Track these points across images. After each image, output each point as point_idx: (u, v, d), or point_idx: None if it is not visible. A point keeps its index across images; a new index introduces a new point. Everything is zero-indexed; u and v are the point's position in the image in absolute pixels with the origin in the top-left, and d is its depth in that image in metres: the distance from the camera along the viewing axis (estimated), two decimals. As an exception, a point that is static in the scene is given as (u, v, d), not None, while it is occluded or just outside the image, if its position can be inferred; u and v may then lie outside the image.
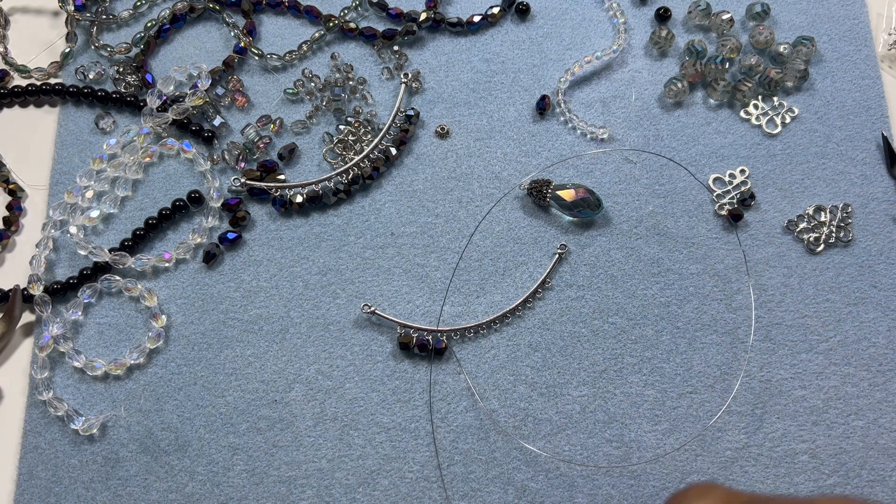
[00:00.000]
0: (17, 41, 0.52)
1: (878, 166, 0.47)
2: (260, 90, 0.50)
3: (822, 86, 0.48)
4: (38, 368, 0.43)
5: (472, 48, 0.50)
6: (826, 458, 0.41)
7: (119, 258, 0.45)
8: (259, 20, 0.51)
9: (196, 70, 0.49)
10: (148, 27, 0.50)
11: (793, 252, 0.45)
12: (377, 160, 0.47)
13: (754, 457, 0.41)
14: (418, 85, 0.49)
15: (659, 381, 0.43)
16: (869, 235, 0.45)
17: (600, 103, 0.48)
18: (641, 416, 0.42)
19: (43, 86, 0.49)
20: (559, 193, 0.45)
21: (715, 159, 0.47)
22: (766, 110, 0.48)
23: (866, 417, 0.42)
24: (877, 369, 0.43)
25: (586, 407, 0.42)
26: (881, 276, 0.44)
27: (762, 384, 0.42)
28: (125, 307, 0.45)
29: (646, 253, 0.45)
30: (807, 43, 0.48)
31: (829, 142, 0.47)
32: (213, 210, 0.46)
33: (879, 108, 0.48)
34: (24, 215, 0.47)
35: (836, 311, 0.44)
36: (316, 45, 0.50)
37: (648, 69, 0.49)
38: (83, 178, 0.47)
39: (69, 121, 0.49)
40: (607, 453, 0.41)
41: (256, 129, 0.48)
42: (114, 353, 0.44)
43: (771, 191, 0.46)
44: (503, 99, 0.49)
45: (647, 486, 0.41)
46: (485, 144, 0.48)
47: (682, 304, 0.44)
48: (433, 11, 0.50)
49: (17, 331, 0.45)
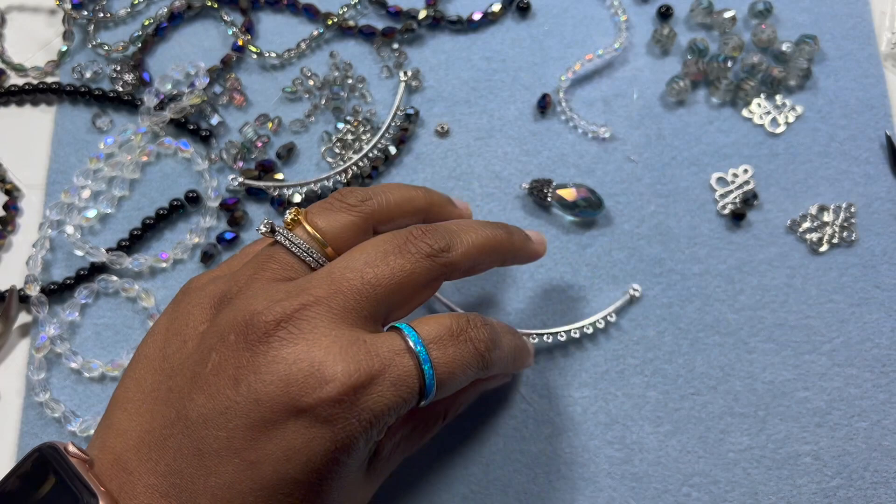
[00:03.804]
0: (13, 39, 0.51)
1: (881, 165, 0.46)
2: (258, 89, 0.49)
3: (825, 84, 0.48)
4: (34, 369, 0.43)
5: (472, 46, 0.50)
6: (829, 460, 0.41)
7: (116, 258, 0.45)
8: (257, 18, 0.51)
9: (193, 68, 0.48)
10: (145, 25, 0.50)
11: (796, 252, 0.45)
12: (376, 159, 0.47)
13: (757, 458, 0.41)
14: (418, 83, 0.49)
15: (661, 382, 0.42)
16: (873, 235, 0.45)
17: (602, 102, 0.48)
18: (643, 417, 0.42)
19: (39, 84, 0.49)
20: (560, 193, 0.45)
21: (717, 158, 0.47)
22: (768, 109, 0.48)
23: (870, 419, 0.41)
24: (880, 370, 0.42)
25: (587, 409, 0.42)
26: (885, 277, 0.44)
27: (765, 385, 0.42)
28: (122, 308, 0.45)
29: (648, 253, 0.45)
30: (810, 41, 0.48)
31: (833, 141, 0.47)
32: (211, 210, 0.46)
33: (883, 106, 0.47)
34: (20, 215, 0.47)
35: (840, 311, 0.43)
36: (314, 44, 0.50)
37: (650, 67, 0.49)
38: (80, 178, 0.46)
39: (66, 120, 0.49)
40: (609, 455, 0.41)
41: (254, 128, 0.48)
42: (111, 353, 0.44)
43: (774, 190, 0.46)
44: (504, 97, 0.48)
45: (648, 488, 0.40)
46: (485, 143, 0.47)
47: (685, 304, 0.44)
48: (433, 9, 0.50)
49: (14, 332, 0.45)
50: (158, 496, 0.28)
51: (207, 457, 0.28)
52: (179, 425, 0.28)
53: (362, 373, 0.28)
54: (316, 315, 0.29)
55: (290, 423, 0.28)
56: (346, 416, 0.28)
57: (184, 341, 0.31)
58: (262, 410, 0.28)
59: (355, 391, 0.28)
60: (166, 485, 0.28)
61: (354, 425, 0.28)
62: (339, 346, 0.29)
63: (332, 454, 0.28)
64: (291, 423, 0.28)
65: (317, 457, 0.28)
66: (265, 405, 0.28)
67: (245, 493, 0.28)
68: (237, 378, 0.28)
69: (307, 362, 0.28)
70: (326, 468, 0.28)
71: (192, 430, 0.28)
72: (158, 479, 0.28)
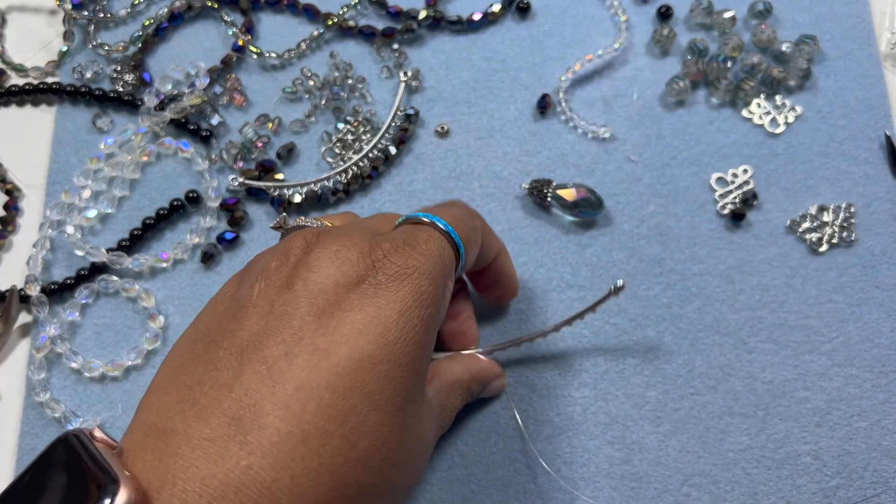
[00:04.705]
0: (13, 39, 0.51)
1: (881, 166, 0.46)
2: (258, 89, 0.49)
3: (825, 85, 0.48)
4: (34, 369, 0.43)
5: (472, 46, 0.50)
6: (829, 460, 0.41)
7: (116, 258, 0.45)
8: (257, 18, 0.51)
9: (194, 69, 0.48)
10: (146, 25, 0.50)
11: (795, 252, 0.45)
12: (376, 159, 0.47)
13: (756, 458, 0.41)
14: (418, 83, 0.49)
15: (661, 382, 0.42)
16: (872, 235, 0.45)
17: (602, 102, 0.48)
18: (643, 417, 0.42)
19: (40, 84, 0.49)
20: (560, 193, 0.45)
21: (717, 158, 0.47)
22: (768, 109, 0.48)
23: (869, 419, 0.41)
24: (880, 370, 0.42)
25: (587, 409, 0.42)
26: (885, 277, 0.44)
27: (765, 385, 0.42)
28: (122, 308, 0.45)
29: (648, 253, 0.45)
30: (809, 42, 0.48)
31: (833, 141, 0.47)
32: (211, 210, 0.46)
33: (883, 107, 0.47)
34: (20, 215, 0.47)
35: (840, 311, 0.43)
36: (315, 44, 0.50)
37: (650, 68, 0.49)
38: (80, 178, 0.46)
39: (66, 120, 0.49)
40: (609, 455, 0.41)
41: (254, 128, 0.48)
42: (111, 353, 0.44)
43: (773, 190, 0.46)
44: (504, 98, 0.48)
45: (648, 488, 0.40)
46: (485, 143, 0.47)
47: (685, 304, 0.44)
48: (433, 9, 0.50)
49: (14, 332, 0.45)
50: (207, 441, 0.24)
51: (271, 366, 0.25)
52: (231, 357, 0.26)
53: (407, 231, 0.30)
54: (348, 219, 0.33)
55: (354, 296, 0.27)
56: (405, 270, 0.28)
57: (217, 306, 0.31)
58: (325, 295, 0.27)
59: (405, 244, 0.29)
60: (220, 422, 0.25)
61: (416, 279, 0.28)
62: (379, 222, 0.33)
63: (403, 317, 0.27)
64: (356, 295, 0.27)
65: (389, 321, 0.27)
66: (327, 288, 0.27)
67: (321, 387, 0.25)
68: (289, 282, 0.28)
69: (353, 244, 0.29)
70: (398, 338, 0.27)
71: (248, 352, 0.26)
72: (204, 421, 0.25)
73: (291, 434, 0.25)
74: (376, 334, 0.27)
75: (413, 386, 0.28)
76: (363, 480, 0.26)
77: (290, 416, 0.25)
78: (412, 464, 0.29)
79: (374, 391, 0.26)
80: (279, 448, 0.25)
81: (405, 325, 0.27)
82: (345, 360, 0.26)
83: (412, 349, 0.28)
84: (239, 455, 0.24)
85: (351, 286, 0.28)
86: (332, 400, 0.25)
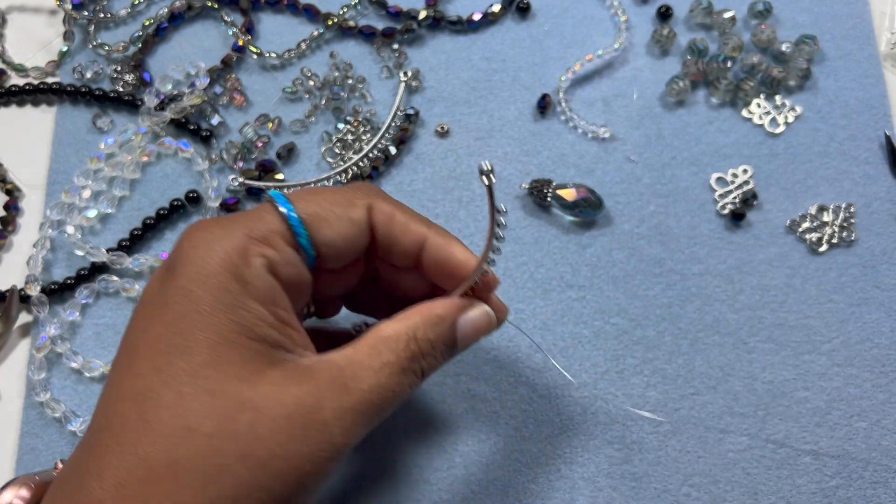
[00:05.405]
0: (13, 39, 0.51)
1: (881, 165, 0.46)
2: (258, 89, 0.49)
3: (824, 85, 0.48)
4: (35, 369, 0.43)
5: (472, 46, 0.50)
6: (829, 460, 0.41)
7: (116, 258, 0.45)
8: (257, 18, 0.51)
9: (194, 69, 0.48)
10: (146, 25, 0.50)
11: (795, 252, 0.45)
12: (376, 159, 0.47)
13: (756, 458, 0.41)
14: (418, 83, 0.49)
15: (661, 382, 0.42)
16: (872, 235, 0.45)
17: (602, 102, 0.48)
18: (643, 417, 0.42)
19: (40, 84, 0.49)
20: (560, 193, 0.45)
21: (717, 158, 0.47)
22: (768, 109, 0.48)
23: (869, 419, 0.41)
24: (880, 370, 0.42)
25: (587, 409, 0.42)
26: (884, 277, 0.44)
27: (765, 385, 0.42)
28: (123, 308, 0.45)
29: (648, 253, 0.45)
30: (809, 42, 0.48)
31: (832, 141, 0.47)
32: (211, 210, 0.46)
33: (883, 106, 0.47)
34: (20, 215, 0.47)
35: (840, 311, 0.43)
36: (315, 44, 0.50)
37: (650, 68, 0.49)
38: (80, 178, 0.46)
39: (66, 120, 0.49)
40: (609, 455, 0.41)
41: (255, 128, 0.48)
42: (111, 353, 0.44)
43: (773, 190, 0.46)
44: (504, 98, 0.48)
45: (648, 488, 0.40)
46: (485, 143, 0.47)
47: (685, 304, 0.44)
48: (433, 9, 0.50)
49: (14, 332, 0.45)
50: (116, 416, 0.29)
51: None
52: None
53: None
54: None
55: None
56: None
57: None
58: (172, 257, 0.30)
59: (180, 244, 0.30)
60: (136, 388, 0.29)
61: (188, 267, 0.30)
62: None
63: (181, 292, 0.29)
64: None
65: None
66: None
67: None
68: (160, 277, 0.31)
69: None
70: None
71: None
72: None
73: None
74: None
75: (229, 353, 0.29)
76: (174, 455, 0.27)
77: None
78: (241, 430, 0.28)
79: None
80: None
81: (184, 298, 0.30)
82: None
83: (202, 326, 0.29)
84: None
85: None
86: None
